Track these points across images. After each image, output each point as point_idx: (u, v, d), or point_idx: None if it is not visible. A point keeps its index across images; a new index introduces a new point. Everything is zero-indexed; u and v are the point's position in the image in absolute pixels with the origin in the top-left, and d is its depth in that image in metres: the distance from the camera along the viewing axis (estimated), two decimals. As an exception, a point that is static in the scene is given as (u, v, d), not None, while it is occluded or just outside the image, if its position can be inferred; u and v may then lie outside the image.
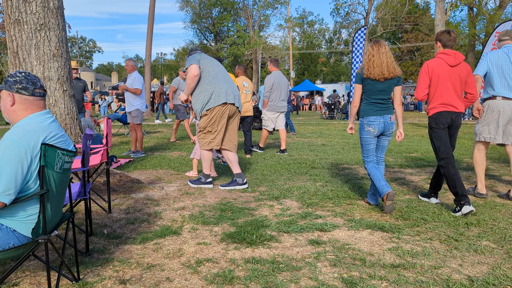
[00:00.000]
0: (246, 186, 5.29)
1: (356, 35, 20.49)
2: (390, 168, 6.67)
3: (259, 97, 12.79)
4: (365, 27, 21.33)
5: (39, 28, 4.56)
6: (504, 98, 4.52)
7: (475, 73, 4.56)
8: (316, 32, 59.72)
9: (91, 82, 70.79)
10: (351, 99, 5.75)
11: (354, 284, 2.53)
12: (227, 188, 5.25)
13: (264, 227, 3.67)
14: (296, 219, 3.91)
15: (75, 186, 3.37)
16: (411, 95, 37.59)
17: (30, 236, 2.17)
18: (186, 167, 6.74)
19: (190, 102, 5.32)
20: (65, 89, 4.79)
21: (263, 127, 8.57)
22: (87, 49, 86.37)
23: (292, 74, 43.56)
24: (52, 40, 4.65)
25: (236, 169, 5.32)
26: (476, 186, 4.80)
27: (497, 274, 2.67)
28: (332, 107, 23.57)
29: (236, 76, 8.04)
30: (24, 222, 2.15)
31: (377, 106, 4.15)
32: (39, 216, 2.17)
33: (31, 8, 4.51)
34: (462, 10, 38.03)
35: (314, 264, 2.86)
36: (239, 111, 5.34)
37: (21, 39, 4.54)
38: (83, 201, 3.52)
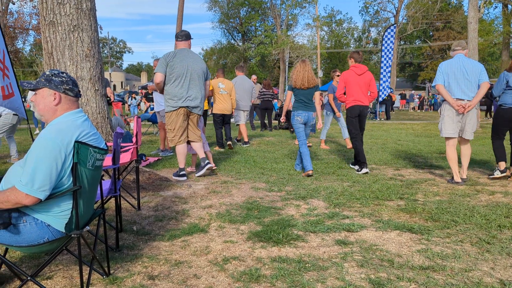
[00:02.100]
0: (211, 165, 5.93)
1: (386, 33, 20.17)
2: (420, 169, 6.55)
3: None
4: (395, 25, 20.98)
5: (72, 30, 4.69)
6: (458, 99, 5.33)
7: (435, 83, 5.42)
8: (345, 31, 59.12)
9: (121, 82, 72.22)
10: (380, 98, 6.89)
11: (381, 285, 2.50)
12: (199, 174, 5.94)
13: (291, 226, 3.67)
14: (323, 219, 3.90)
15: (106, 183, 3.45)
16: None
17: (64, 231, 2.24)
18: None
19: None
20: (96, 88, 4.91)
21: (238, 123, 9.90)
22: (118, 49, 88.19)
23: (320, 74, 43.24)
24: (84, 41, 4.77)
25: (200, 154, 5.95)
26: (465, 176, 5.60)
27: (531, 279, 2.58)
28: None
29: (216, 78, 9.08)
30: (58, 217, 2.22)
31: (304, 105, 6.11)
32: (72, 211, 2.23)
33: (65, 10, 4.65)
34: (496, 7, 36.97)
35: (341, 264, 2.84)
36: (198, 112, 5.86)
37: (55, 40, 4.68)
38: (114, 198, 3.60)
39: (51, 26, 4.66)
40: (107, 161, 3.93)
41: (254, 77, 14.15)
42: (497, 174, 5.68)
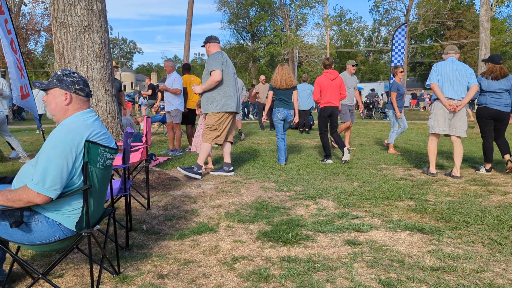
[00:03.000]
0: (232, 173, 6.11)
1: (397, 33, 20.02)
2: (431, 169, 6.49)
3: None
4: (406, 24, 20.84)
5: (83, 30, 4.73)
6: (449, 98, 5.72)
7: (430, 82, 5.81)
8: (354, 30, 58.82)
9: (131, 82, 72.70)
10: (390, 98, 7.13)
11: (391, 286, 2.49)
12: (215, 173, 6.12)
13: (300, 226, 3.66)
14: (332, 219, 3.88)
15: (116, 182, 3.47)
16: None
17: (74, 229, 2.26)
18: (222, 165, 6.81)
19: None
20: (107, 88, 4.95)
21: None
22: (128, 50, 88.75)
23: (330, 73, 43.03)
24: (95, 41, 4.81)
25: (226, 159, 6.11)
26: (451, 170, 5.96)
27: (544, 280, 2.55)
28: (371, 106, 23.15)
29: None
30: (69, 216, 2.24)
31: (283, 103, 6.93)
32: (82, 210, 2.25)
33: (76, 11, 4.69)
34: (508, 5, 36.57)
35: (350, 264, 2.83)
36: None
37: (66, 41, 4.72)
38: (124, 197, 3.62)
39: (63, 27, 4.71)
40: (117, 160, 3.95)
41: (262, 77, 14.13)
42: (482, 171, 6.19)
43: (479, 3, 14.06)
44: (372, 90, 26.77)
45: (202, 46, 6.13)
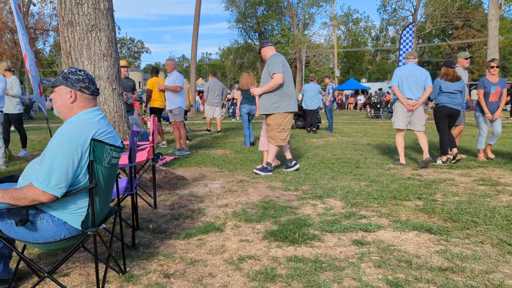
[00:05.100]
0: (271, 173, 6.13)
1: (404, 32, 19.90)
2: (439, 169, 6.44)
3: (303, 95, 12.84)
4: (413, 24, 20.71)
5: (90, 29, 4.74)
6: (408, 98, 6.59)
7: (391, 85, 6.67)
8: (362, 29, 58.57)
9: (139, 82, 72.97)
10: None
11: (399, 286, 2.46)
12: (259, 172, 6.12)
13: (307, 226, 3.63)
14: (339, 218, 3.85)
15: (123, 181, 3.47)
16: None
17: (80, 228, 2.25)
18: (230, 165, 6.81)
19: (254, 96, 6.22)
20: (114, 87, 4.95)
21: (206, 115, 12.95)
22: (136, 49, 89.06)
23: (337, 73, 42.99)
24: (102, 40, 4.82)
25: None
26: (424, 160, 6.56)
27: (555, 282, 2.51)
28: (378, 106, 23.03)
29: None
30: (74, 214, 2.24)
31: (247, 100, 9.04)
32: (88, 209, 2.25)
33: (83, 10, 4.70)
34: (518, 4, 36.22)
35: (357, 264, 2.80)
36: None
37: (73, 39, 4.73)
38: (130, 196, 3.61)
39: (70, 26, 4.72)
40: (124, 159, 3.95)
41: None
42: (439, 162, 6.89)
43: (487, 2, 13.94)
44: (380, 89, 26.62)
45: (258, 53, 6.36)
